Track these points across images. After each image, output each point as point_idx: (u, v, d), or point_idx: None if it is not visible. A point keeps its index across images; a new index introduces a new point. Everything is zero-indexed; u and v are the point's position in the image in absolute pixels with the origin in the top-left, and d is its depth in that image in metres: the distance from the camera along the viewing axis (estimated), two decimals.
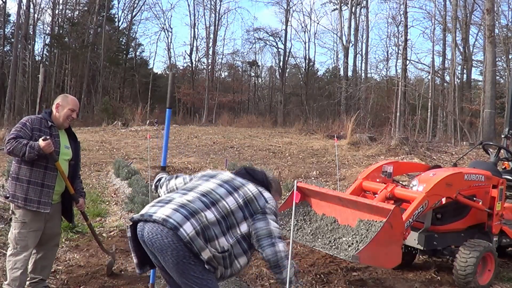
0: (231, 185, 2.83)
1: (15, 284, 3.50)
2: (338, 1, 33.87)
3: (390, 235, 3.57)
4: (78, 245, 5.18)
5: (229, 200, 2.74)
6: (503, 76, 26.13)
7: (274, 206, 2.86)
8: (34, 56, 32.18)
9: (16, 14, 27.95)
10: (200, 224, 2.55)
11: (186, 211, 2.57)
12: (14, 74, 25.46)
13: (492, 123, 16.94)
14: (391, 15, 33.69)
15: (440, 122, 25.78)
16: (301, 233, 4.10)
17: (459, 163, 8.46)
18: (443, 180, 4.16)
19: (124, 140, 16.89)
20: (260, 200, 2.81)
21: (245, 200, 2.78)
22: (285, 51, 35.25)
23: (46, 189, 3.52)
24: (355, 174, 9.81)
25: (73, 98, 3.77)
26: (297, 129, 21.22)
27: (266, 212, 2.79)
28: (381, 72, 34.97)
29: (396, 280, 4.48)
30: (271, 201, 2.85)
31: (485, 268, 4.32)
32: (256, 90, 40.97)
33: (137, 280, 4.18)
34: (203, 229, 2.54)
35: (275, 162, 12.59)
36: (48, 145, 3.37)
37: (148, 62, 39.31)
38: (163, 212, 2.57)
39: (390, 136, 16.60)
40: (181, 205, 2.62)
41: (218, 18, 35.01)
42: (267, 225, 2.74)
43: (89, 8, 33.55)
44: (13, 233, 3.56)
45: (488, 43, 17.49)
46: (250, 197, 2.79)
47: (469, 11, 26.10)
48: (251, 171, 3.04)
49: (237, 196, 2.77)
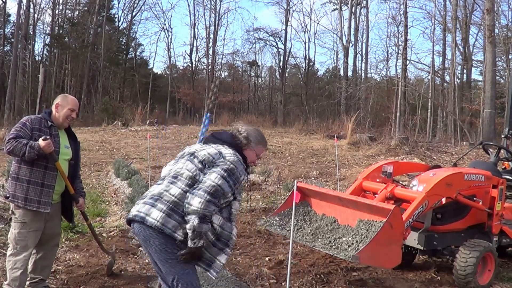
0: (193, 153, 2.82)
1: (15, 284, 3.50)
2: (338, 1, 33.89)
3: (390, 235, 3.57)
4: (78, 245, 5.18)
5: (189, 166, 2.74)
6: (503, 76, 26.17)
7: (230, 161, 2.69)
8: (34, 56, 32.24)
9: (16, 14, 28.02)
10: (167, 204, 2.62)
11: (152, 200, 2.67)
12: (14, 74, 25.47)
13: (492, 123, 16.94)
14: (391, 15, 33.76)
15: (440, 122, 25.78)
16: (301, 233, 4.10)
17: (459, 163, 8.46)
18: (443, 180, 4.16)
19: (124, 140, 16.90)
20: (216, 156, 2.72)
21: (203, 161, 2.72)
22: (285, 51, 35.31)
23: (46, 189, 3.52)
24: (355, 174, 9.82)
25: (72, 98, 3.77)
26: (297, 129, 21.23)
27: (216, 165, 2.68)
28: (381, 72, 35.05)
29: (396, 280, 4.48)
30: (229, 157, 2.71)
31: (485, 268, 4.32)
32: (256, 90, 40.99)
33: (137, 280, 4.18)
34: (173, 207, 2.61)
35: (275, 162, 12.59)
36: (48, 145, 3.37)
37: (148, 62, 39.41)
38: (136, 209, 2.70)
39: (390, 136, 16.60)
40: (151, 196, 2.72)
41: (218, 18, 35.07)
42: (205, 176, 2.64)
43: (89, 8, 33.56)
44: (13, 233, 3.56)
45: (488, 43, 17.49)
46: (207, 157, 2.73)
47: (469, 11, 26.15)
48: (217, 134, 2.94)
49: (196, 160, 2.75)
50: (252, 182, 9.31)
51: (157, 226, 2.57)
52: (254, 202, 7.88)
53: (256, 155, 2.97)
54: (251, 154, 2.94)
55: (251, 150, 2.93)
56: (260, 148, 2.98)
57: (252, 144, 2.92)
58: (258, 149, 2.97)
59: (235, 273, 4.45)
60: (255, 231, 6.02)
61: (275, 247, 5.42)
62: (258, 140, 2.96)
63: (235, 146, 2.85)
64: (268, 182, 9.46)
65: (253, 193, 8.61)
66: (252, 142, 2.92)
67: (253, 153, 2.95)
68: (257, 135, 2.98)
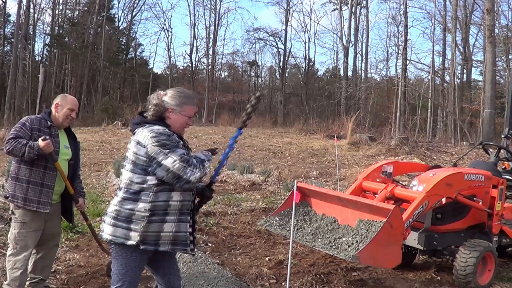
0: (125, 159, 2.72)
1: (15, 284, 3.50)
2: (338, 1, 33.90)
3: (390, 235, 3.57)
4: (78, 245, 5.18)
5: (124, 174, 2.68)
6: (503, 76, 26.16)
7: (150, 142, 2.51)
8: (34, 56, 32.22)
9: (16, 14, 27.97)
10: (113, 213, 2.64)
11: (105, 216, 2.72)
12: (14, 74, 25.46)
13: (492, 123, 16.95)
14: (391, 15, 33.80)
15: (440, 122, 25.79)
16: (301, 233, 4.10)
17: (459, 163, 8.46)
18: (443, 180, 4.16)
19: (124, 140, 16.88)
20: (139, 150, 2.57)
21: (133, 163, 2.61)
22: (285, 51, 35.30)
23: (45, 189, 3.52)
24: (355, 174, 9.81)
25: (72, 97, 3.77)
26: (297, 129, 21.24)
27: (146, 145, 2.54)
28: (381, 72, 35.02)
29: (396, 280, 4.48)
30: (144, 140, 2.54)
31: (485, 268, 4.32)
32: (256, 90, 40.97)
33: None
34: (117, 213, 2.61)
35: (275, 162, 12.60)
36: (47, 145, 3.37)
37: (148, 62, 39.35)
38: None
39: (390, 136, 16.61)
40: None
41: (218, 18, 35.05)
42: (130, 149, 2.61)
43: (89, 8, 33.55)
44: (13, 233, 3.55)
45: (488, 43, 17.50)
46: (134, 156, 2.61)
47: (469, 11, 26.16)
48: (140, 114, 2.74)
49: (128, 165, 2.66)
50: (252, 182, 9.31)
51: (109, 240, 2.65)
52: (254, 202, 7.88)
53: (186, 116, 2.69)
54: (177, 118, 2.68)
55: (175, 114, 2.67)
56: (187, 108, 2.70)
57: (175, 107, 2.66)
58: (186, 110, 2.69)
59: (235, 273, 4.45)
60: (255, 231, 6.02)
61: (275, 247, 5.42)
62: (180, 101, 2.68)
63: (149, 123, 2.62)
64: (268, 182, 9.45)
65: (253, 193, 8.61)
66: (174, 106, 2.65)
67: (180, 116, 2.68)
68: (178, 96, 2.68)
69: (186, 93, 2.75)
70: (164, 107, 2.66)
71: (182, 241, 2.64)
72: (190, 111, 2.72)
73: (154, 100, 2.68)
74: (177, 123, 2.69)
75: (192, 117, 2.75)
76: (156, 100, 2.67)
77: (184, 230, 2.65)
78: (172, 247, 2.63)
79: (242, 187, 9.04)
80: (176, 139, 2.62)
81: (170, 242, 2.61)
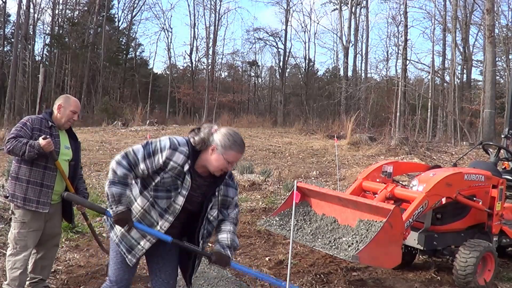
0: None
1: (14, 284, 3.50)
2: (338, 1, 33.87)
3: (390, 235, 3.57)
4: (78, 245, 5.18)
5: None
6: (503, 76, 26.17)
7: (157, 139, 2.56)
8: (34, 56, 32.19)
9: (16, 14, 27.93)
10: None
11: None
12: (14, 74, 25.44)
13: (492, 123, 16.95)
14: (391, 15, 33.85)
15: (440, 122, 25.76)
16: (301, 233, 4.10)
17: (459, 163, 8.46)
18: (443, 180, 4.16)
19: (124, 140, 16.88)
20: None
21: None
22: (285, 51, 35.28)
23: (45, 189, 3.52)
24: (355, 174, 9.82)
25: (75, 99, 3.76)
26: (297, 129, 21.23)
27: None
28: (381, 72, 34.99)
29: (396, 280, 4.48)
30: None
31: (485, 268, 4.32)
32: (256, 90, 40.96)
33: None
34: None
35: (275, 162, 12.59)
36: (48, 143, 3.37)
37: (148, 62, 39.32)
38: None
39: (390, 136, 16.61)
40: None
41: (218, 18, 34.99)
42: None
43: (89, 8, 33.54)
44: (13, 233, 3.56)
45: (488, 43, 17.49)
46: None
47: (469, 11, 26.16)
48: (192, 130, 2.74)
49: None
50: (252, 182, 9.31)
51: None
52: (254, 202, 7.88)
53: (227, 161, 2.55)
54: (216, 158, 2.54)
55: (217, 154, 2.54)
56: (231, 153, 2.54)
57: (219, 148, 2.53)
58: (228, 155, 2.54)
59: (235, 273, 4.45)
60: (255, 231, 6.02)
61: (275, 247, 5.42)
62: (226, 144, 2.53)
63: (189, 147, 2.56)
64: (268, 182, 9.46)
65: (253, 193, 8.61)
66: (219, 146, 2.53)
67: (220, 158, 2.54)
68: (227, 138, 2.54)
69: (236, 138, 2.58)
70: (209, 143, 2.57)
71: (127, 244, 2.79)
72: (232, 157, 2.56)
73: (204, 134, 2.58)
74: (214, 162, 2.56)
75: (233, 164, 2.64)
76: (206, 135, 2.57)
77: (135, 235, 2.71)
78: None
79: (242, 187, 9.04)
80: (186, 165, 2.52)
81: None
